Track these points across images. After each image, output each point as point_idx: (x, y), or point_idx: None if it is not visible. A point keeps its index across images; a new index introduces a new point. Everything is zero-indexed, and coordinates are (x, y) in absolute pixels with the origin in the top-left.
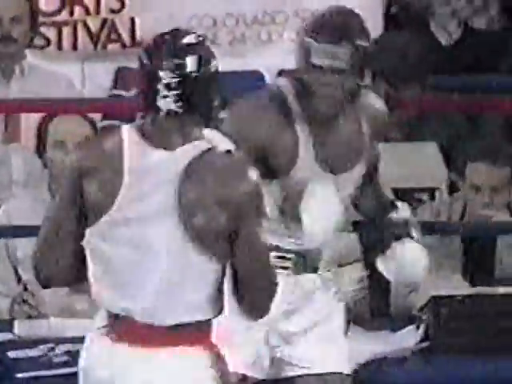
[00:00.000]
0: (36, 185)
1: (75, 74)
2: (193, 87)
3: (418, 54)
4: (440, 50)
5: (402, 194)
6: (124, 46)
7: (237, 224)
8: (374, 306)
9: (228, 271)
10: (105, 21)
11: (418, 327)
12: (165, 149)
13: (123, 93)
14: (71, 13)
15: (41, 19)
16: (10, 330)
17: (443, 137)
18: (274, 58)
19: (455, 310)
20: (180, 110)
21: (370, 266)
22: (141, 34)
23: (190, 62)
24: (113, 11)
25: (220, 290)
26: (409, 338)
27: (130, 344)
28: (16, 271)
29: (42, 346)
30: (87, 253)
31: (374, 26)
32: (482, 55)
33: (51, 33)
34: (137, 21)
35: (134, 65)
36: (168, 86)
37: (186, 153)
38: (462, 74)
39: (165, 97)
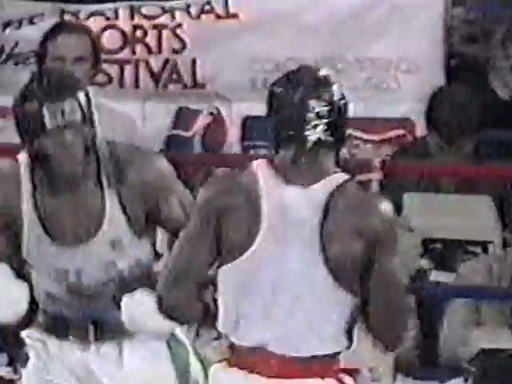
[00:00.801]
0: None
1: (136, 113)
2: (338, 116)
3: (475, 107)
4: (499, 104)
5: (453, 245)
6: (185, 86)
7: (373, 256)
8: (423, 356)
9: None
10: (167, 61)
11: (466, 380)
12: (302, 185)
13: (182, 133)
14: (133, 51)
15: (103, 56)
16: None
17: (497, 191)
18: None
19: (504, 364)
20: (330, 139)
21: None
22: (202, 76)
23: (337, 91)
24: (175, 51)
25: (354, 323)
26: None
27: (262, 376)
28: None
29: None
30: (221, 288)
31: (435, 77)
32: None
33: (113, 70)
34: (198, 62)
35: (195, 105)
36: (318, 115)
37: (323, 188)
38: None
39: (315, 126)
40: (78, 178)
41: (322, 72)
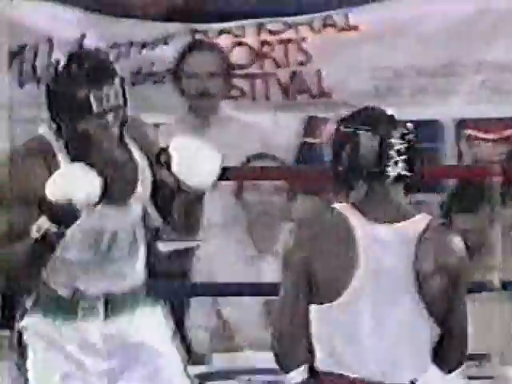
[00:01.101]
0: (234, 227)
1: (268, 123)
2: (415, 152)
3: None
4: None
5: None
6: (312, 96)
7: (453, 288)
8: None
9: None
10: (294, 73)
11: None
12: (388, 222)
13: (313, 140)
14: (262, 66)
15: (235, 72)
16: (208, 362)
17: None
18: (453, 108)
19: None
20: (409, 174)
21: None
22: (327, 85)
23: (411, 129)
24: (301, 64)
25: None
26: None
27: None
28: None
29: (239, 377)
30: (317, 327)
31: None
32: None
33: (245, 84)
34: (323, 73)
35: (323, 114)
36: (398, 152)
37: (413, 228)
38: None
39: (396, 162)
40: (114, 152)
41: (388, 112)
